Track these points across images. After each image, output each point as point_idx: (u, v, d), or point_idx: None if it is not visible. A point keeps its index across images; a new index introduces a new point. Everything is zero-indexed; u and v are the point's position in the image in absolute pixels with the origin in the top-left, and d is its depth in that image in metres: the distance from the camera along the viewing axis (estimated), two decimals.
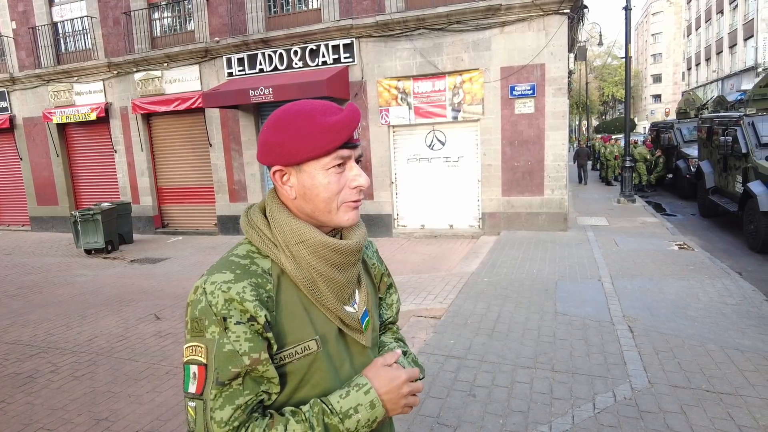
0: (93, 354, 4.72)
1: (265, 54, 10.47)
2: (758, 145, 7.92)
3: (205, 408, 0.89)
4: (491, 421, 3.09)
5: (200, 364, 0.90)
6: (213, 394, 0.89)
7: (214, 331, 0.89)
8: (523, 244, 8.15)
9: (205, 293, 0.91)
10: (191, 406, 0.92)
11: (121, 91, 12.20)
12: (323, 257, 0.98)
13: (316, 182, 0.97)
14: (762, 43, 27.38)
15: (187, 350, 0.93)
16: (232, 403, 0.89)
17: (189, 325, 0.93)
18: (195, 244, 10.87)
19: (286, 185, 1.00)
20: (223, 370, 0.89)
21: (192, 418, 0.92)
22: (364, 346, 1.08)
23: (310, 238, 0.98)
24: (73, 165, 13.68)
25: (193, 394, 0.91)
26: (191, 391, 0.92)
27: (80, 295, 6.97)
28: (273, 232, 0.99)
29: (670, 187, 15.37)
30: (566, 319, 4.74)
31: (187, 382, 0.92)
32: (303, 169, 0.97)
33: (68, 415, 3.59)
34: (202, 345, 0.90)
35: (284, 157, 0.97)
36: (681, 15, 52.70)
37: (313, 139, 0.94)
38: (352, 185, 1.00)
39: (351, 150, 0.99)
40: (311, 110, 0.97)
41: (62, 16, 12.78)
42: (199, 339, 0.91)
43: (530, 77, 8.89)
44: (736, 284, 5.60)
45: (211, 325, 0.90)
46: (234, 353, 0.89)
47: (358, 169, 1.01)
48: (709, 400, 3.21)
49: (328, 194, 0.97)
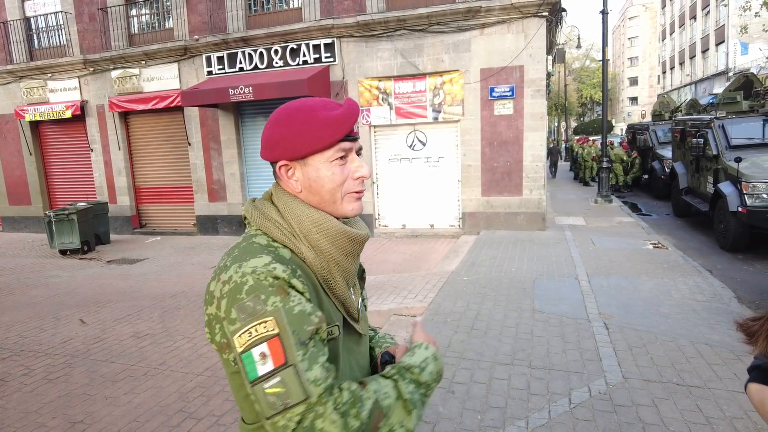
0: (68, 356, 4.63)
1: (245, 53, 10.39)
2: (728, 147, 8.16)
3: (297, 371, 0.86)
4: (469, 417, 3.13)
5: (271, 337, 0.87)
6: (300, 356, 0.87)
7: (275, 301, 0.88)
8: (502, 244, 8.25)
9: (248, 274, 0.90)
10: (272, 383, 0.86)
11: (97, 88, 11.96)
12: (340, 246, 1.02)
13: (320, 174, 1.01)
14: (732, 49, 28.20)
15: (243, 337, 0.88)
16: (317, 362, 0.88)
17: (234, 313, 0.89)
18: (174, 245, 10.73)
19: (292, 179, 1.03)
20: (300, 330, 0.88)
21: (280, 394, 0.86)
22: (361, 335, 1.13)
23: (331, 227, 1.01)
24: (47, 164, 13.36)
25: (271, 371, 0.86)
26: (266, 371, 0.87)
27: (54, 297, 6.82)
28: (289, 223, 1.01)
29: (646, 188, 15.72)
30: (543, 317, 4.83)
31: (253, 368, 0.87)
32: (307, 163, 1.01)
33: (42, 418, 3.52)
34: (267, 318, 0.87)
35: (289, 151, 1.01)
36: (656, 20, 53.91)
37: (316, 133, 0.99)
38: (354, 176, 1.04)
39: (352, 142, 1.04)
40: (313, 106, 1.02)
41: (35, 11, 12.48)
42: (261, 316, 0.88)
43: (509, 79, 9.01)
44: (706, 282, 5.77)
45: (270, 296, 0.88)
46: (303, 313, 0.90)
47: (359, 160, 1.06)
48: (680, 393, 3.31)
49: (333, 185, 1.02)
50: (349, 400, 0.87)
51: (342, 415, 0.85)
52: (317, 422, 0.84)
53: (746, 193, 7.07)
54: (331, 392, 0.87)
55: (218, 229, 11.54)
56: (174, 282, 7.37)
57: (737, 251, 7.55)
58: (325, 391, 0.86)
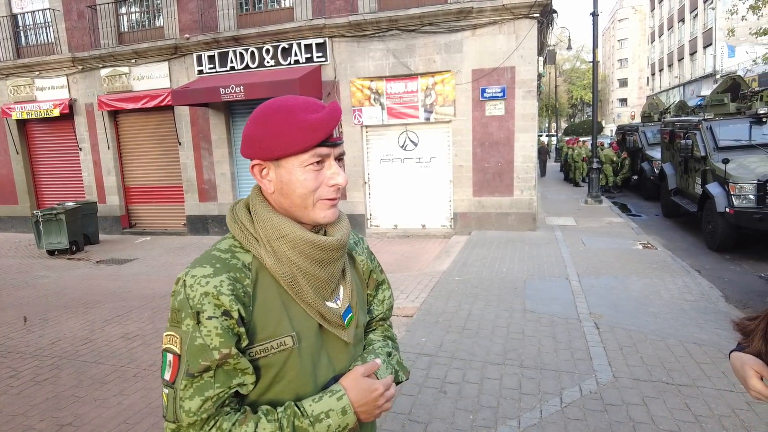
0: (56, 358, 4.58)
1: (237, 52, 10.33)
2: (716, 148, 8.25)
3: (176, 397, 0.92)
4: (461, 417, 3.14)
5: (175, 354, 0.93)
6: (183, 385, 0.91)
7: (189, 324, 0.92)
8: (494, 244, 8.29)
9: (185, 286, 0.93)
10: (165, 392, 0.94)
11: (86, 87, 11.83)
12: (304, 253, 0.99)
13: (293, 178, 0.98)
14: (720, 51, 28.57)
15: (165, 338, 0.96)
16: (201, 394, 0.91)
17: (170, 314, 0.97)
18: (163, 245, 10.64)
19: (265, 179, 1.01)
20: (193, 362, 0.91)
21: (165, 404, 0.94)
22: (346, 343, 1.08)
23: (291, 233, 0.99)
24: (35, 163, 13.19)
25: (167, 381, 0.94)
26: (166, 378, 0.94)
27: (42, 297, 6.73)
28: (255, 227, 1.01)
29: (636, 189, 15.86)
30: (535, 317, 4.86)
31: (164, 368, 0.95)
32: (281, 165, 0.98)
33: (29, 421, 3.47)
34: (177, 335, 0.93)
35: (263, 151, 0.98)
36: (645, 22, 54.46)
37: (291, 136, 0.95)
38: (329, 183, 1.01)
39: (330, 148, 1.00)
40: (293, 106, 0.98)
41: (22, 8, 12.31)
42: (176, 329, 0.94)
43: (501, 80, 9.05)
44: (695, 281, 5.83)
45: (187, 318, 0.92)
46: (204, 347, 0.90)
47: (336, 167, 1.01)
48: (669, 392, 3.35)
49: (304, 190, 0.98)
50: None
51: None
52: None
53: (733, 194, 7.15)
54: (203, 426, 0.90)
55: (209, 229, 11.47)
56: (164, 282, 7.31)
57: (725, 251, 7.65)
58: (195, 423, 0.90)
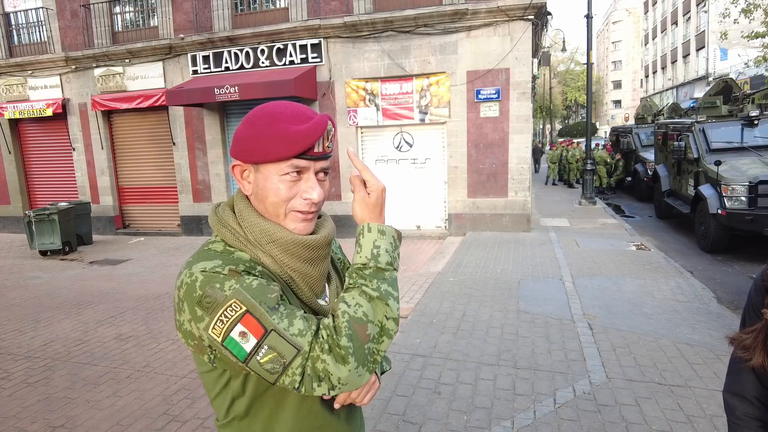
0: (48, 359, 4.55)
1: (231, 52, 10.31)
2: (708, 150, 8.32)
3: (279, 333, 0.89)
4: (455, 418, 3.15)
5: (243, 315, 0.88)
6: (276, 319, 0.89)
7: (232, 283, 0.90)
8: (488, 245, 8.31)
9: (194, 274, 0.91)
10: (263, 353, 0.89)
11: (79, 86, 11.76)
12: (295, 254, 1.01)
13: (268, 185, 0.99)
14: (712, 54, 28.79)
15: (217, 327, 0.89)
16: (295, 317, 0.91)
17: (198, 309, 0.90)
18: (158, 245, 10.59)
19: (245, 180, 1.03)
20: (265, 299, 0.90)
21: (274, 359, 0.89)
22: None
23: (281, 237, 1.00)
24: (28, 163, 13.09)
25: (256, 344, 0.88)
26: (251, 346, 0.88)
27: (34, 298, 6.69)
28: (244, 231, 1.01)
29: (629, 190, 15.96)
30: (529, 317, 4.87)
31: (240, 349, 0.89)
32: (259, 169, 1.00)
33: (21, 423, 3.45)
34: (230, 301, 0.89)
35: (244, 153, 1.00)
36: (639, 24, 54.79)
37: (268, 144, 0.96)
38: (303, 196, 1.00)
39: (309, 162, 0.99)
40: (279, 114, 0.97)
41: (15, 7, 12.23)
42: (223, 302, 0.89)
43: (495, 81, 9.08)
44: (687, 282, 5.87)
45: (225, 282, 0.90)
46: (262, 285, 0.92)
47: (313, 181, 1.00)
48: (662, 392, 3.37)
49: (277, 199, 0.99)
50: (328, 336, 0.90)
51: (329, 351, 0.89)
52: (317, 365, 0.89)
53: (726, 196, 7.21)
54: (317, 336, 0.90)
55: (203, 229, 11.43)
56: (158, 283, 7.28)
57: (717, 252, 7.70)
58: (313, 338, 0.90)
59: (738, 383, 1.16)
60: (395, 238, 1.02)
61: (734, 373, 1.16)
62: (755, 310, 1.07)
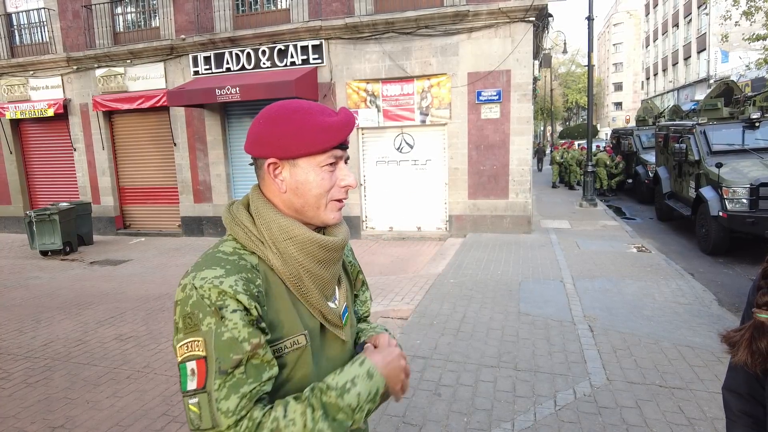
0: (48, 359, 4.54)
1: (233, 53, 10.32)
2: (709, 152, 8.31)
3: (210, 400, 0.87)
4: (456, 420, 3.14)
5: (199, 358, 0.88)
6: (217, 384, 0.87)
7: (210, 323, 0.88)
8: (489, 246, 8.30)
9: (195, 288, 0.90)
10: (193, 402, 0.88)
11: (81, 87, 11.78)
12: (310, 254, 1.00)
13: (309, 178, 1.00)
14: (713, 56, 28.79)
15: (181, 349, 0.91)
16: (237, 391, 0.87)
17: (181, 323, 0.91)
18: (158, 246, 10.59)
19: (278, 178, 1.01)
20: (224, 358, 0.87)
21: (196, 415, 0.88)
22: (344, 341, 1.11)
23: (299, 234, 1.00)
24: (29, 163, 13.11)
25: (194, 390, 0.88)
26: (191, 388, 0.89)
27: (35, 299, 6.69)
28: (259, 229, 1.00)
29: (630, 192, 15.94)
30: (529, 319, 4.87)
31: (185, 381, 0.90)
32: (297, 164, 1.00)
33: (20, 423, 3.44)
34: (199, 338, 0.88)
35: (281, 150, 0.99)
36: (640, 27, 54.82)
37: (312, 136, 0.98)
38: (341, 184, 1.04)
39: (343, 151, 1.03)
40: (310, 108, 1.00)
41: (17, 7, 12.25)
42: (195, 333, 0.89)
43: (496, 83, 9.08)
44: (688, 285, 5.86)
45: (206, 317, 0.88)
46: (234, 340, 0.88)
47: (347, 169, 1.06)
48: (662, 394, 3.36)
49: (320, 190, 1.00)
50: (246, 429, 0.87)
51: None
52: None
53: (727, 198, 7.20)
54: (238, 424, 0.87)
55: (203, 230, 11.43)
56: (158, 283, 7.28)
57: (718, 255, 7.69)
58: (234, 423, 0.86)
59: (733, 380, 1.19)
60: (377, 393, 0.96)
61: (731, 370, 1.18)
62: (750, 308, 1.08)
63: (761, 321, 1.02)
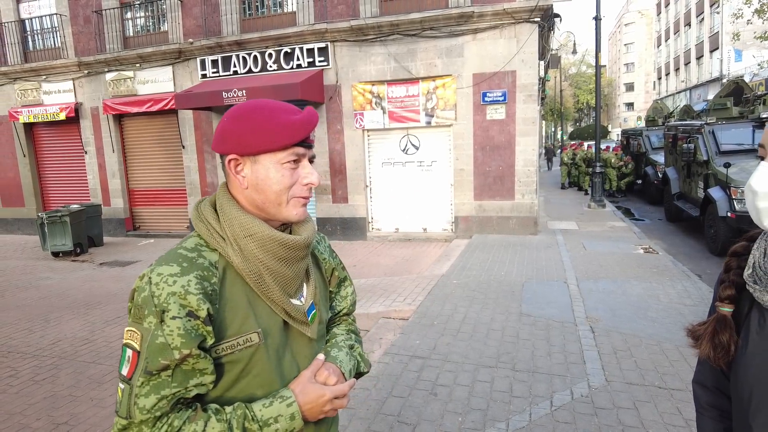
0: (56, 358, 4.63)
1: (239, 56, 10.42)
2: (718, 152, 8.22)
3: (131, 393, 0.91)
4: (450, 419, 3.15)
5: (134, 350, 0.93)
6: (140, 381, 0.91)
7: (151, 322, 0.91)
8: (494, 247, 8.28)
9: (150, 283, 0.93)
10: (121, 387, 0.94)
11: (91, 91, 11.97)
12: (271, 251, 1.02)
13: (269, 174, 1.01)
14: (726, 56, 28.41)
15: (126, 333, 0.96)
16: (157, 392, 0.91)
17: (132, 310, 0.96)
18: (167, 247, 10.68)
19: (239, 175, 1.03)
20: (152, 360, 0.91)
21: (119, 400, 0.94)
22: (310, 338, 1.12)
23: (259, 232, 1.01)
24: (41, 166, 13.35)
25: (123, 377, 0.94)
26: (123, 373, 0.94)
27: (45, 299, 6.81)
28: (222, 226, 1.02)
29: (640, 193, 15.79)
30: (530, 320, 4.85)
31: (122, 363, 0.95)
32: (258, 161, 1.01)
33: (26, 419, 3.52)
34: (138, 332, 0.93)
35: (241, 146, 1.01)
36: (652, 26, 54.28)
37: (273, 133, 0.99)
38: (303, 182, 1.05)
39: (306, 149, 1.05)
40: (273, 107, 1.02)
41: (30, 13, 12.50)
42: (138, 326, 0.93)
43: (501, 84, 9.06)
44: (695, 286, 5.80)
45: (150, 315, 0.92)
46: (165, 346, 0.91)
47: (310, 167, 1.06)
48: (661, 396, 3.34)
49: (280, 187, 1.01)
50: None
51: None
52: None
53: (735, 199, 7.12)
54: (155, 424, 0.91)
55: None
56: None
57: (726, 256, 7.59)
58: (148, 420, 0.90)
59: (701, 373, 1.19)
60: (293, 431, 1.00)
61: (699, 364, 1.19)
62: (715, 302, 1.09)
63: (723, 314, 1.03)
